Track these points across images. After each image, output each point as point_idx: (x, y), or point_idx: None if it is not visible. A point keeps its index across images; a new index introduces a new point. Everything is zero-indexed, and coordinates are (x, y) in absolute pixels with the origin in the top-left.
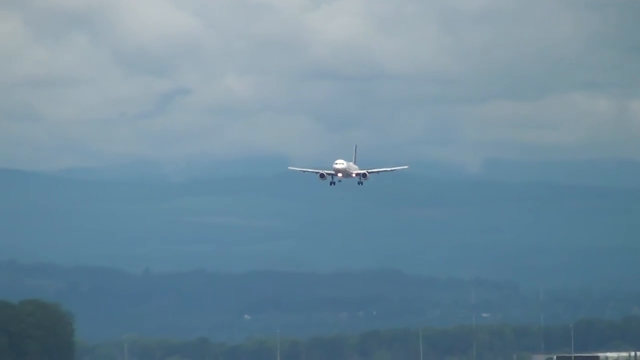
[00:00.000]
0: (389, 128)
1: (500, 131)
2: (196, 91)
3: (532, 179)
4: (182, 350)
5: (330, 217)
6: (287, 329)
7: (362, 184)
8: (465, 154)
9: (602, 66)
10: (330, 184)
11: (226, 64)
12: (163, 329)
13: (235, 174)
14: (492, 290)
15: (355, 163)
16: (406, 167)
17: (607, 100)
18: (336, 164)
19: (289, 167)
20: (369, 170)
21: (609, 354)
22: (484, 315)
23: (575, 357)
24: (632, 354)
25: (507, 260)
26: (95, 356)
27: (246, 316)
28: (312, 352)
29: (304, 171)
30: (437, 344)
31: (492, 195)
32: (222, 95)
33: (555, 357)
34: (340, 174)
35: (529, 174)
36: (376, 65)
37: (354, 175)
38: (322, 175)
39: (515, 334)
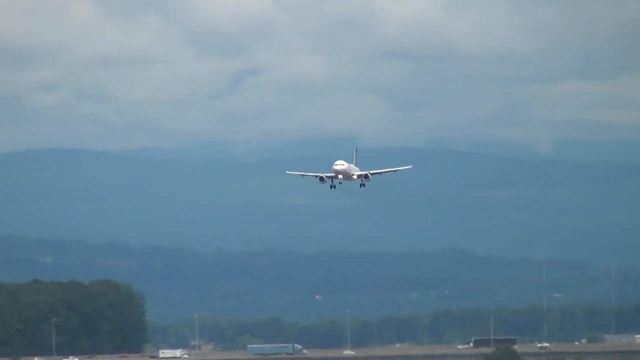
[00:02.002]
0: (459, 108)
1: (571, 111)
2: (267, 71)
3: (603, 159)
4: (253, 330)
5: (401, 197)
6: (358, 308)
7: (364, 185)
8: (536, 133)
9: None
10: (331, 187)
11: (297, 44)
12: (234, 308)
13: (307, 153)
14: (563, 270)
15: (356, 164)
16: (410, 167)
17: None
18: (336, 165)
19: (287, 172)
20: (371, 172)
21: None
22: (555, 295)
23: (493, 340)
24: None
25: (578, 240)
26: (166, 335)
27: (317, 296)
28: (383, 332)
29: (302, 175)
30: (508, 324)
31: (563, 175)
32: (293, 75)
33: (472, 339)
34: (340, 176)
35: (600, 154)
36: (447, 45)
37: (355, 177)
38: (321, 179)
39: (587, 313)
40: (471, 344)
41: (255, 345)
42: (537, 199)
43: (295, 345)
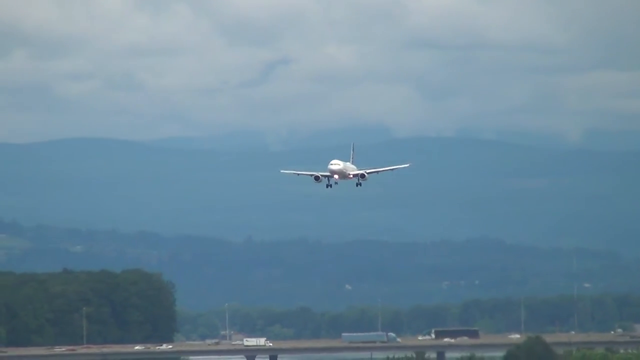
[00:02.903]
0: (489, 97)
1: (601, 100)
2: (298, 60)
3: (633, 148)
4: (283, 319)
5: (432, 186)
6: (389, 298)
7: (360, 185)
8: (566, 123)
9: None
10: (327, 187)
11: (328, 33)
12: (264, 298)
13: (337, 143)
14: (594, 259)
15: (353, 163)
16: (407, 165)
17: None
18: (331, 164)
19: (281, 170)
20: (367, 171)
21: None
22: (586, 284)
23: (453, 330)
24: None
25: (609, 229)
26: (196, 325)
27: (347, 286)
28: (413, 321)
29: (297, 174)
30: (539, 313)
31: (593, 165)
32: (323, 64)
33: (433, 330)
34: (336, 176)
35: (630, 143)
36: (477, 34)
37: (351, 176)
38: (317, 178)
39: (617, 303)
40: (432, 335)
41: (349, 334)
42: (567, 188)
43: (389, 333)
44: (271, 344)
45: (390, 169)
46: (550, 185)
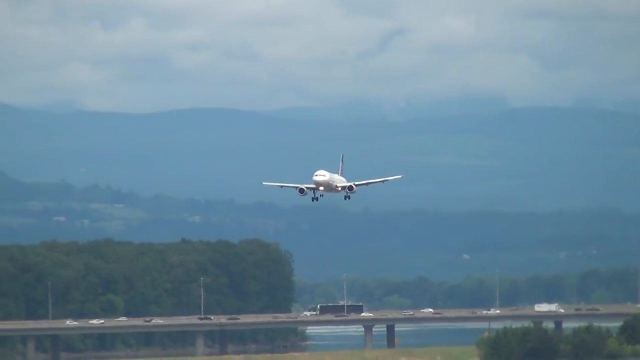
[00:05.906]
0: (607, 67)
1: None
2: (415, 30)
3: None
4: (401, 290)
5: (549, 157)
6: (506, 268)
7: (349, 197)
8: None
9: None
10: (313, 200)
11: (445, 3)
12: (382, 268)
13: (454, 113)
14: None
15: (341, 174)
16: (399, 177)
17: None
18: (316, 175)
19: (263, 182)
20: (356, 183)
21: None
22: None
23: (338, 306)
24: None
25: None
26: (314, 295)
27: (465, 256)
28: (531, 291)
29: (281, 186)
30: None
31: None
32: (440, 35)
33: (318, 306)
34: (321, 188)
35: None
36: (594, 4)
37: (338, 188)
38: (301, 190)
39: None
40: (317, 312)
41: None
42: None
43: None
44: (562, 310)
45: (381, 181)
46: None
